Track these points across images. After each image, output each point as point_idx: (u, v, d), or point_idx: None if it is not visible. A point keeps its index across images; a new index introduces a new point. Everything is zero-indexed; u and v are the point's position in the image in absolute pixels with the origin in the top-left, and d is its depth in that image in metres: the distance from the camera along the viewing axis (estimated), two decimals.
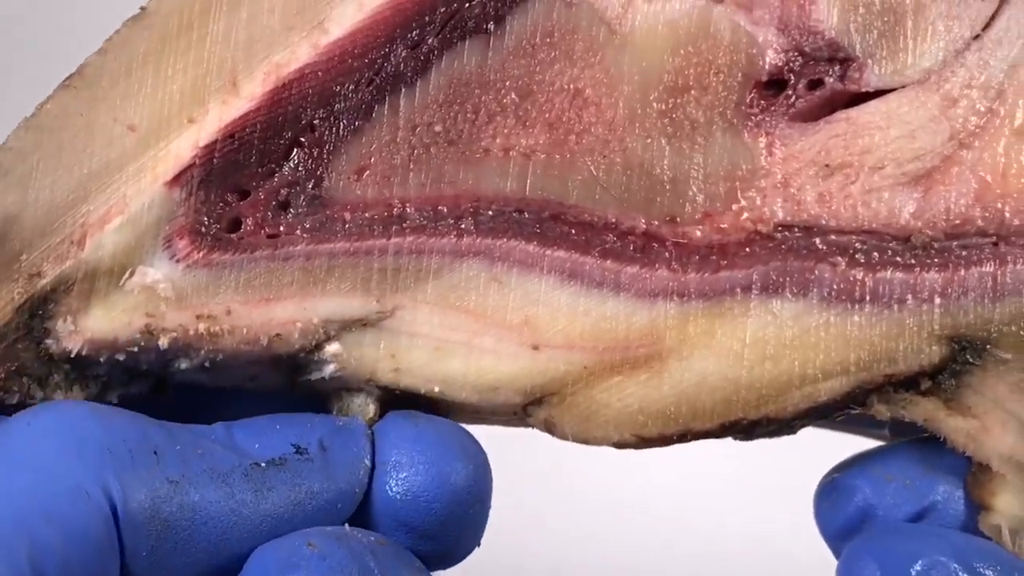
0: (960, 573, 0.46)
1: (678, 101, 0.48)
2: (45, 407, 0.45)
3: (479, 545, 0.49)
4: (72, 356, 0.46)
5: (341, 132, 0.47)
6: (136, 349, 0.47)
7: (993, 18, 0.49)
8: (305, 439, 0.47)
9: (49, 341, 0.46)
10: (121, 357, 0.47)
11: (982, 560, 0.46)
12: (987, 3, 0.49)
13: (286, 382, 0.48)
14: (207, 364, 0.47)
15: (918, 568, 0.46)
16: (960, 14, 0.48)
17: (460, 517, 0.48)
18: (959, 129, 0.47)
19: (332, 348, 0.47)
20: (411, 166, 0.48)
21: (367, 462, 0.47)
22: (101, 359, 0.47)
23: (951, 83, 0.48)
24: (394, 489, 0.47)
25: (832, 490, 0.51)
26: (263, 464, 0.46)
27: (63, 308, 0.46)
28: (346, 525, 0.46)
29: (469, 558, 0.49)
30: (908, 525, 0.49)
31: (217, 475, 0.45)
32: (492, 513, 0.49)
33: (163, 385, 0.49)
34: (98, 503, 0.42)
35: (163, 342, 0.46)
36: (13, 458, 0.43)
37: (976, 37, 0.48)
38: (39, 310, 0.46)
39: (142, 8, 0.47)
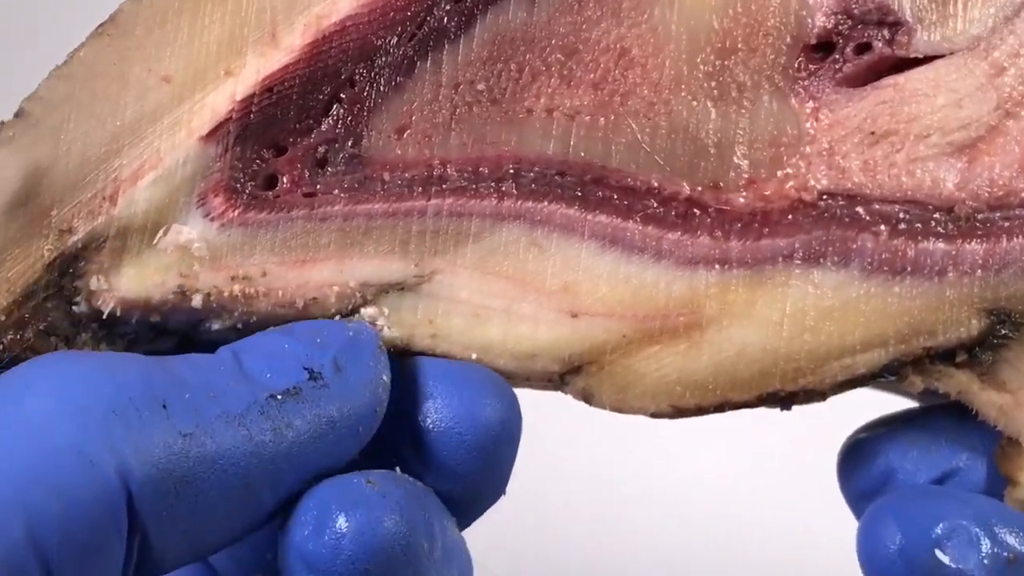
0: (981, 536, 0.48)
1: (725, 63, 0.50)
2: (42, 363, 0.45)
3: (504, 493, 0.50)
4: (103, 316, 0.47)
5: (382, 88, 0.49)
6: (168, 309, 0.47)
7: None
8: (317, 359, 0.47)
9: (79, 300, 0.48)
10: (154, 318, 0.48)
11: (1004, 523, 0.49)
12: None
13: None
14: (240, 326, 0.48)
15: (939, 531, 0.48)
16: None
17: (490, 455, 0.49)
18: (1006, 98, 0.50)
19: (369, 311, 0.49)
20: (453, 125, 0.49)
21: (385, 378, 0.48)
22: (132, 320, 0.48)
23: (1000, 50, 0.50)
24: (425, 422, 0.48)
25: (855, 452, 0.54)
26: (279, 396, 0.46)
27: (94, 266, 0.48)
28: (397, 469, 0.48)
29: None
30: (930, 487, 0.51)
31: (233, 419, 0.45)
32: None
33: (189, 340, 0.50)
34: (103, 471, 0.42)
35: (196, 302, 0.48)
36: (10, 423, 0.43)
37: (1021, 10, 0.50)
38: (70, 268, 0.48)
39: None
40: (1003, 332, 0.50)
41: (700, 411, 0.51)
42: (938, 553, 0.48)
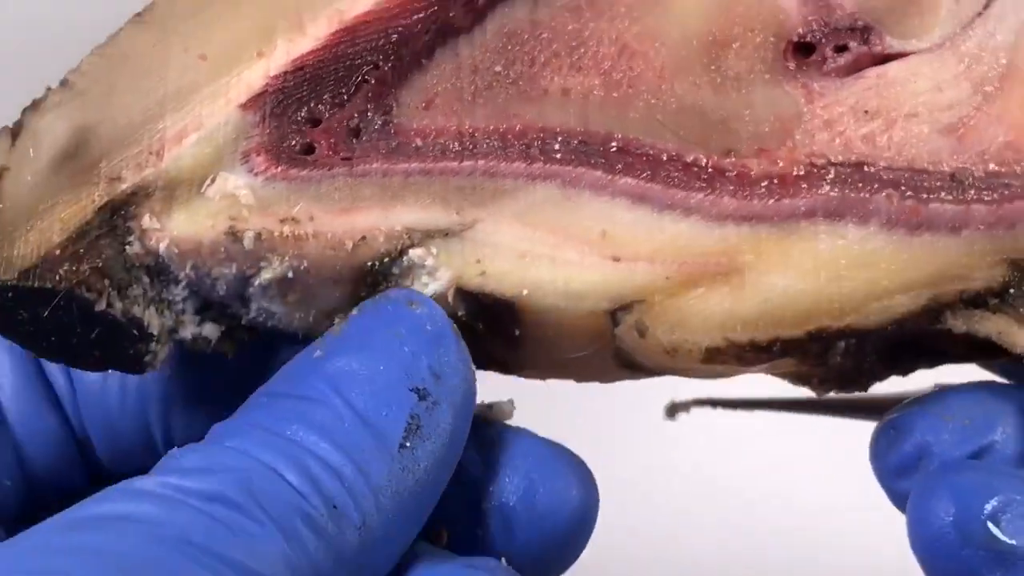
0: None
1: (719, 54, 0.53)
2: None
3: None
4: (157, 259, 0.48)
5: (405, 70, 0.52)
6: (221, 254, 0.48)
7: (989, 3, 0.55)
8: (417, 375, 0.48)
9: (132, 239, 0.48)
10: (205, 266, 0.48)
11: None
12: None
13: None
14: (290, 275, 0.48)
15: (994, 504, 0.48)
16: None
17: (572, 541, 0.51)
18: (980, 84, 0.53)
19: (417, 252, 0.49)
20: (476, 100, 0.52)
21: (472, 367, 0.50)
22: (184, 270, 0.48)
23: (965, 47, 0.54)
24: (518, 505, 0.50)
25: (889, 428, 0.54)
26: (407, 443, 0.46)
27: (145, 209, 0.48)
28: (502, 560, 0.49)
29: None
30: (977, 462, 0.52)
31: (381, 489, 0.46)
32: None
33: (231, 336, 0.50)
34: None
35: (248, 242, 0.48)
36: None
37: (979, 14, 0.55)
38: (121, 210, 0.48)
39: None
40: None
41: (754, 348, 0.51)
42: (991, 527, 0.48)
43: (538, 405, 0.55)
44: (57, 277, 0.47)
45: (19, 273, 0.47)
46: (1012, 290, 0.52)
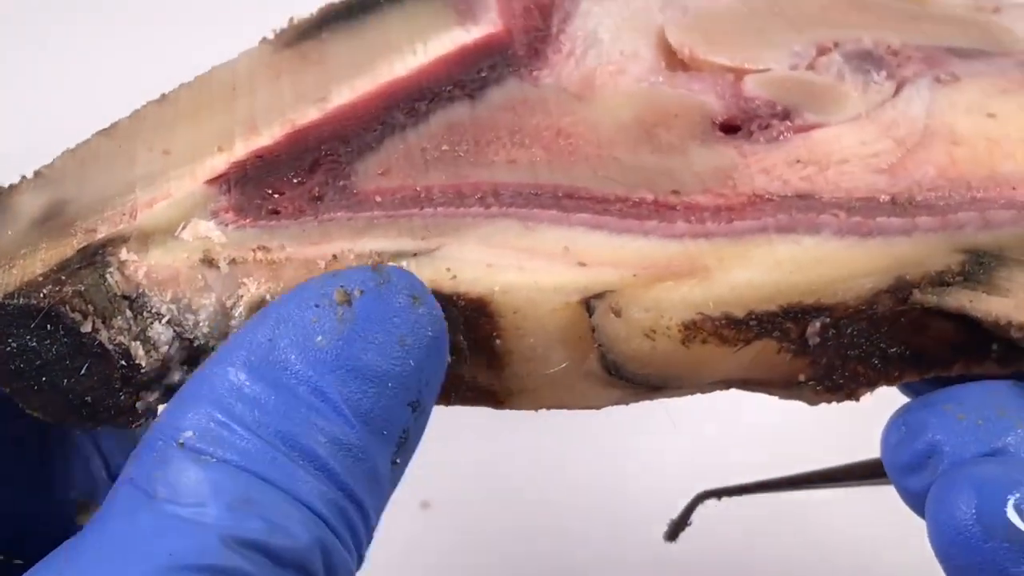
0: None
1: (652, 131, 0.58)
2: None
3: None
4: (137, 290, 0.50)
5: (359, 154, 0.55)
6: (199, 281, 0.50)
7: (897, 91, 0.61)
8: (415, 387, 0.49)
9: (112, 270, 0.50)
10: (184, 296, 0.50)
11: None
12: (888, 84, 0.61)
13: None
14: (268, 296, 0.50)
15: (1017, 496, 0.49)
16: (869, 90, 0.61)
17: None
18: (902, 141, 0.58)
19: (389, 264, 0.51)
20: (428, 168, 0.55)
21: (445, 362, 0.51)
22: (164, 301, 0.50)
23: (882, 119, 0.59)
24: None
25: (901, 425, 0.54)
26: (397, 460, 0.49)
27: (123, 247, 0.51)
28: None
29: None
30: (995, 458, 0.51)
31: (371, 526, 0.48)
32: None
33: None
34: None
35: (223, 268, 0.50)
36: None
37: (891, 98, 0.60)
38: (100, 249, 0.50)
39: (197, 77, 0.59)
40: (984, 262, 0.54)
41: (730, 322, 0.52)
42: (1015, 519, 0.49)
43: None
44: (41, 294, 0.49)
45: (3, 295, 0.49)
46: (972, 270, 0.54)
